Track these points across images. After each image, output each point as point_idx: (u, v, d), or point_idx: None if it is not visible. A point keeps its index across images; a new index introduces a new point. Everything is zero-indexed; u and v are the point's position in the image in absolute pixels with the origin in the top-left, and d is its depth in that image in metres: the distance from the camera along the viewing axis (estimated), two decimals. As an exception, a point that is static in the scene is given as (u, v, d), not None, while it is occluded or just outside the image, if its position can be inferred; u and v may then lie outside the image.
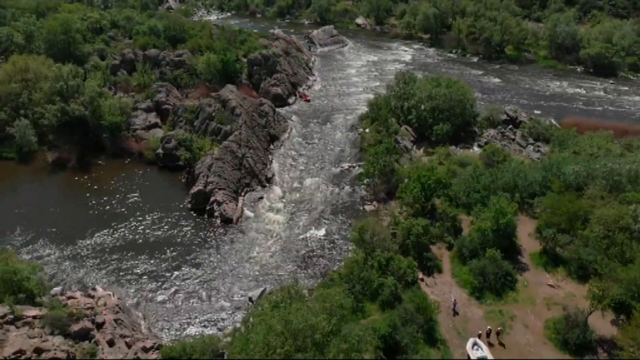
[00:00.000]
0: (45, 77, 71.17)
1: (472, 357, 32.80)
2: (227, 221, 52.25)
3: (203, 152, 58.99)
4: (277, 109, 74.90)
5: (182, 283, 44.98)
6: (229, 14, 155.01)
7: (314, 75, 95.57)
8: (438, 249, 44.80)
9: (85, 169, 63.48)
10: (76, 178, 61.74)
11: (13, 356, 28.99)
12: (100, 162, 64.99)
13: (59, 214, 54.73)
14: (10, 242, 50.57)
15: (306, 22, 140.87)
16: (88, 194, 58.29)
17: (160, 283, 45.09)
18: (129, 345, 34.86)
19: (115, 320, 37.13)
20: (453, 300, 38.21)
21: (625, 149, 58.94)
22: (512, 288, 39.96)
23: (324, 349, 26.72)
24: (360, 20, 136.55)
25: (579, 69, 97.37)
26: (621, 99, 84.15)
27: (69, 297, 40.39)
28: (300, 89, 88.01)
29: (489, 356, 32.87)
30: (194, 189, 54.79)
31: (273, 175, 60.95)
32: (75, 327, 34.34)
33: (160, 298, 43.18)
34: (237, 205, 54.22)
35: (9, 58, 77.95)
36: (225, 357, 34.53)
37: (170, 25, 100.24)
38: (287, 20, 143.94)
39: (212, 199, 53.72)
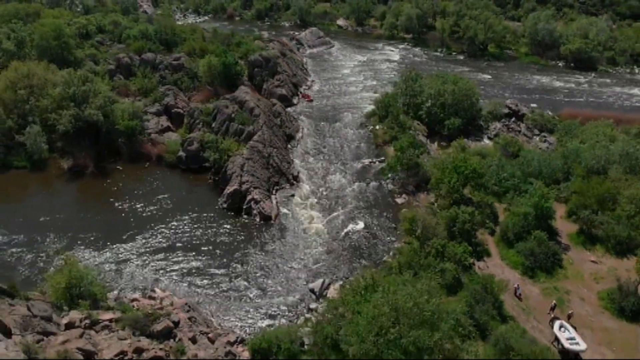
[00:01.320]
0: (51, 83, 69.76)
1: (562, 340, 34.70)
2: (266, 219, 52.98)
3: (231, 152, 59.32)
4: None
5: (235, 280, 45.47)
6: (206, 17, 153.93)
7: (310, 75, 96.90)
8: (481, 235, 47.10)
9: (104, 174, 62.61)
10: (98, 184, 60.88)
11: (116, 357, 29.04)
12: (118, 167, 64.17)
13: (91, 220, 54.00)
14: (45, 250, 49.72)
15: (287, 25, 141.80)
16: (115, 199, 57.67)
17: (213, 281, 45.41)
18: (212, 341, 35.29)
19: (189, 319, 37.42)
20: (516, 285, 40.36)
21: (626, 135, 63.26)
22: (560, 266, 42.73)
23: (434, 327, 28.21)
24: (341, 22, 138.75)
25: (560, 64, 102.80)
26: (605, 91, 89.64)
27: (133, 300, 40.33)
28: (301, 90, 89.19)
29: (577, 337, 34.99)
30: (229, 189, 55.18)
31: (298, 173, 61.97)
32: (158, 327, 34.47)
33: (217, 295, 43.54)
34: (272, 203, 54.99)
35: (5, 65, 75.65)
36: (306, 346, 35.53)
37: (161, 29, 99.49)
38: (267, 23, 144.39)
39: (248, 197, 54.30)
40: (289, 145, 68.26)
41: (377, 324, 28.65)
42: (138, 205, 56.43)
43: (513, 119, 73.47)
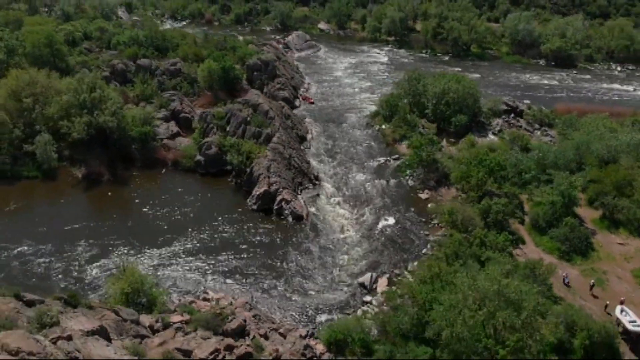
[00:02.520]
0: (55, 91, 68.31)
1: (624, 322, 36.88)
2: (298, 218, 53.76)
3: (253, 154, 59.75)
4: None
5: (280, 278, 45.97)
6: (183, 22, 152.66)
7: (306, 78, 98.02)
8: (512, 224, 49.41)
9: (122, 181, 61.85)
10: (117, 191, 60.15)
11: (211, 356, 29.37)
12: (135, 173, 63.51)
13: (119, 227, 53.36)
14: (77, 259, 48.96)
15: (268, 29, 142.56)
16: (140, 205, 57.19)
17: (258, 281, 45.77)
18: (283, 336, 35.93)
19: (254, 316, 37.92)
20: (564, 274, 42.50)
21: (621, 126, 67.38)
22: (592, 249, 45.53)
23: (518, 307, 29.91)
24: (323, 25, 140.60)
25: (541, 62, 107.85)
26: (588, 86, 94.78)
27: (190, 302, 40.43)
28: (301, 92, 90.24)
29: (639, 320, 37.31)
30: (259, 190, 55.67)
31: (318, 172, 62.98)
32: (232, 325, 34.82)
33: (267, 294, 43.98)
34: (301, 202, 55.82)
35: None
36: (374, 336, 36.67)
37: (152, 34, 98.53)
38: (247, 27, 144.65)
39: (279, 198, 54.93)
40: (301, 146, 69.13)
41: (463, 308, 30.12)
42: (165, 211, 56.14)
43: (512, 115, 76.83)
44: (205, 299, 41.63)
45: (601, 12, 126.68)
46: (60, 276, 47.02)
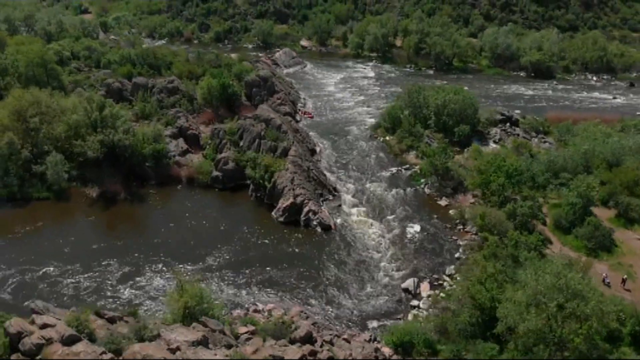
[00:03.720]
0: (61, 109, 67.16)
1: None
2: (326, 228, 54.57)
3: (274, 168, 60.29)
4: (296, 126, 77.77)
5: (321, 287, 46.48)
6: (162, 41, 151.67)
7: (300, 93, 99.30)
8: (535, 225, 51.73)
9: (139, 199, 61.22)
10: (136, 209, 59.64)
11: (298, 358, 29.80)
12: (151, 191, 62.93)
13: (145, 244, 52.79)
14: (109, 278, 48.20)
15: (250, 46, 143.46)
16: (162, 222, 56.78)
17: (300, 291, 46.11)
18: (348, 341, 36.56)
19: (313, 324, 38.40)
20: (604, 274, 44.71)
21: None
22: (615, 245, 48.24)
23: (584, 298, 31.73)
24: (304, 42, 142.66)
25: (522, 74, 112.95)
26: (569, 96, 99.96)
27: (245, 314, 40.55)
28: (299, 107, 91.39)
29: None
30: (285, 203, 56.22)
31: (335, 183, 64.04)
32: (300, 333, 35.23)
33: (313, 303, 44.46)
34: (326, 213, 56.66)
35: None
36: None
37: (144, 53, 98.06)
38: (229, 45, 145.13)
39: (305, 209, 55.61)
40: (313, 159, 70.14)
41: (534, 301, 31.71)
42: (190, 226, 55.94)
43: (507, 124, 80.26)
44: (256, 311, 41.80)
45: (570, 26, 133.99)
46: (94, 296, 46.23)
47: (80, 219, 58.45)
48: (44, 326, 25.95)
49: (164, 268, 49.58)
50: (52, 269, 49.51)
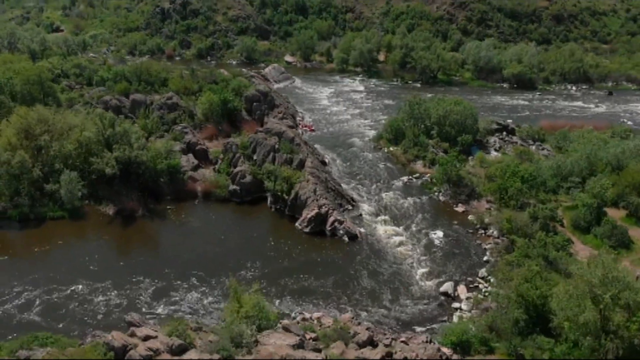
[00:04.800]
0: (69, 127, 66.06)
1: None
2: (353, 238, 55.48)
3: (294, 180, 60.95)
4: (301, 139, 78.67)
5: (360, 296, 47.08)
6: (142, 58, 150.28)
7: (296, 107, 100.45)
8: (555, 227, 54.16)
9: (157, 215, 60.70)
10: (157, 225, 59.18)
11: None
12: (168, 207, 62.47)
13: (173, 260, 52.35)
14: (141, 295, 47.68)
15: (234, 62, 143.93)
16: (187, 237, 56.52)
17: (338, 299, 46.50)
18: (406, 343, 37.40)
19: (367, 329, 39.10)
20: (639, 274, 47.21)
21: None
22: (632, 242, 51.00)
23: (634, 290, 33.79)
24: (289, 58, 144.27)
25: (505, 86, 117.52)
26: (552, 105, 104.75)
27: (297, 322, 40.91)
28: (297, 120, 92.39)
29: None
30: (310, 213, 56.87)
31: (352, 193, 65.19)
32: (363, 338, 35.90)
33: (354, 310, 45.06)
34: (351, 222, 57.62)
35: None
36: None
37: (137, 69, 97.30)
38: (213, 62, 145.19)
39: (330, 219, 56.41)
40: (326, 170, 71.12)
41: (588, 294, 33.52)
42: (216, 240, 55.92)
43: (504, 132, 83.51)
44: (304, 319, 42.18)
45: (543, 39, 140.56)
46: (129, 312, 45.09)
47: (100, 237, 57.49)
48: (146, 338, 25.76)
49: (196, 282, 49.36)
50: (80, 287, 48.63)
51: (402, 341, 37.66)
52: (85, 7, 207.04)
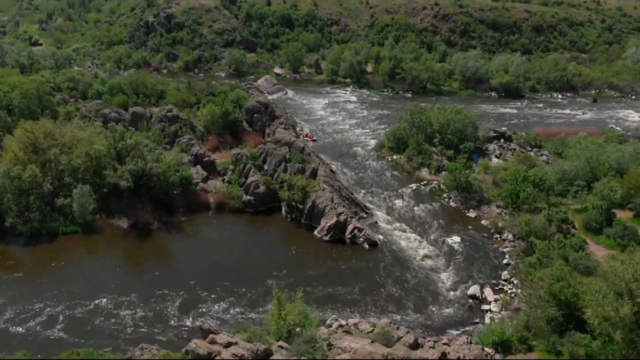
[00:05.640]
0: (77, 140, 65.23)
1: None
2: (373, 245, 56.18)
3: (309, 189, 61.39)
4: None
5: (388, 302, 47.62)
6: (129, 71, 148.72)
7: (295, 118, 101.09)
8: (568, 229, 55.96)
9: (174, 228, 60.30)
10: (175, 238, 58.82)
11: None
12: (183, 219, 62.07)
13: (197, 272, 52.08)
14: (167, 308, 47.31)
15: (222, 75, 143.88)
16: (207, 249, 56.40)
17: (366, 305, 47.02)
18: (448, 345, 38.18)
19: (407, 333, 39.75)
20: None
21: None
22: (643, 241, 53.21)
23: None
24: (278, 70, 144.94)
25: (493, 95, 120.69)
26: (541, 113, 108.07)
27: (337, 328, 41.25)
28: (297, 131, 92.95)
29: None
30: (329, 222, 57.35)
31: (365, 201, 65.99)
32: (409, 340, 36.53)
33: (385, 316, 45.64)
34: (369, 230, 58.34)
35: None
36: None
37: (133, 82, 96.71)
38: (201, 74, 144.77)
39: (350, 227, 57.02)
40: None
41: (624, 291, 34.99)
42: (236, 251, 55.91)
43: (502, 140, 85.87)
44: (340, 326, 42.49)
45: (525, 49, 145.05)
46: (159, 325, 45.34)
47: (117, 250, 56.86)
48: (228, 345, 25.74)
49: (222, 293, 49.23)
50: (104, 301, 48.06)
51: (444, 343, 38.38)
52: (63, 21, 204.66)
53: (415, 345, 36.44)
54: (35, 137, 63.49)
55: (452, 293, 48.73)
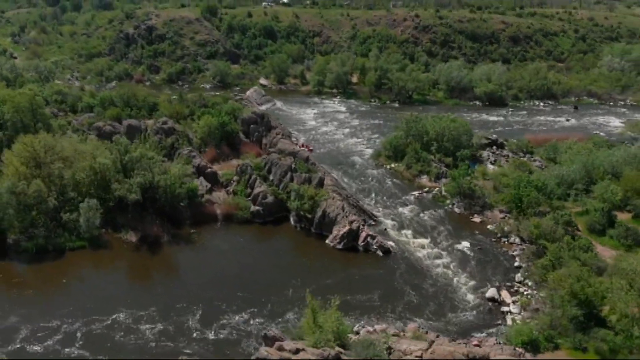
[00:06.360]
0: (79, 154, 64.20)
1: None
2: (386, 252, 56.90)
3: (319, 198, 61.81)
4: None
5: (409, 308, 48.29)
6: (111, 84, 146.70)
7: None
8: (572, 231, 57.88)
9: (184, 241, 59.83)
10: (186, 251, 58.37)
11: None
12: (192, 231, 61.62)
13: (214, 285, 51.99)
14: (188, 321, 46.93)
15: (207, 86, 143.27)
16: (220, 261, 56.40)
17: (390, 312, 47.59)
18: (479, 346, 39.07)
19: (437, 337, 40.52)
20: None
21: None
22: (645, 241, 55.48)
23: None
24: (263, 81, 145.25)
25: (478, 103, 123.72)
26: (527, 120, 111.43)
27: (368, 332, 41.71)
28: (293, 140, 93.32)
29: None
30: (342, 230, 57.86)
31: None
32: (444, 343, 37.31)
33: (408, 321, 46.26)
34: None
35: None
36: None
37: (123, 95, 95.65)
38: (185, 86, 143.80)
39: (363, 234, 57.63)
40: (338, 189, 72.40)
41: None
42: (251, 262, 55.86)
43: (494, 147, 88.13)
44: (368, 332, 42.92)
45: (503, 59, 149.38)
46: (182, 339, 45.01)
47: (128, 265, 56.07)
48: (296, 351, 25.87)
49: (242, 304, 49.08)
50: (122, 315, 47.40)
51: (475, 345, 39.23)
52: (37, 34, 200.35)
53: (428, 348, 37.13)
54: (36, 151, 62.22)
55: (470, 297, 49.74)
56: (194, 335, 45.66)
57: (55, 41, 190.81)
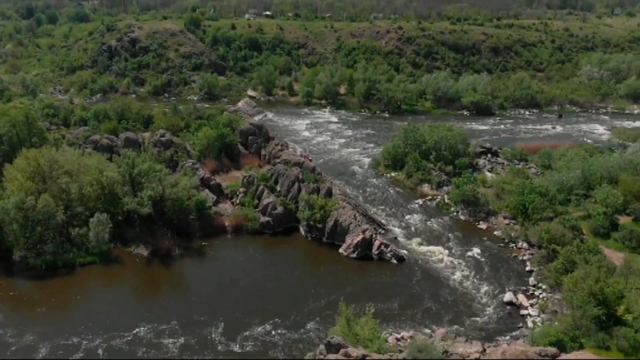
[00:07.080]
0: (84, 168, 63.26)
1: None
2: (400, 260, 57.63)
3: (329, 208, 62.27)
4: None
5: (431, 313, 48.96)
6: (94, 97, 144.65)
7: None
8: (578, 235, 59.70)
9: (195, 254, 59.56)
10: (199, 263, 58.09)
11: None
12: (203, 243, 61.25)
13: (232, 296, 52.02)
14: (210, 334, 46.68)
15: (195, 98, 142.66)
16: (235, 273, 56.36)
17: (409, 318, 48.33)
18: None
19: (465, 341, 41.34)
20: None
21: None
22: (648, 244, 57.61)
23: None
24: (251, 92, 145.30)
25: (465, 113, 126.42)
26: (515, 128, 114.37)
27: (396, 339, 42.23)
28: (291, 150, 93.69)
29: None
30: (356, 239, 58.37)
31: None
32: (477, 347, 38.12)
33: (428, 327, 46.96)
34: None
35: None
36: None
37: (117, 108, 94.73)
38: (173, 98, 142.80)
39: (377, 243, 58.27)
40: (343, 199, 72.99)
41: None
42: (267, 273, 55.85)
43: (489, 154, 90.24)
44: (397, 339, 43.47)
45: (485, 69, 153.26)
46: (206, 351, 44.84)
47: (143, 279, 55.47)
48: (362, 357, 26.16)
49: (263, 315, 49.05)
50: (142, 330, 46.94)
51: (492, 345, 40.12)
52: (14, 46, 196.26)
53: (481, 350, 37.96)
54: (40, 165, 61.10)
55: (488, 301, 50.77)
56: (219, 348, 45.42)
57: (34, 54, 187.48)
